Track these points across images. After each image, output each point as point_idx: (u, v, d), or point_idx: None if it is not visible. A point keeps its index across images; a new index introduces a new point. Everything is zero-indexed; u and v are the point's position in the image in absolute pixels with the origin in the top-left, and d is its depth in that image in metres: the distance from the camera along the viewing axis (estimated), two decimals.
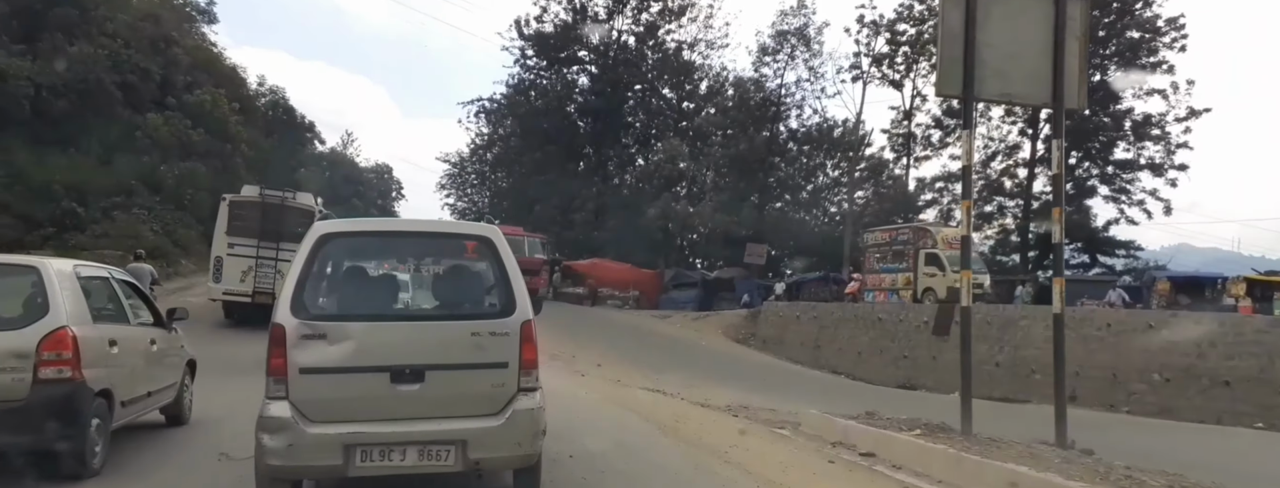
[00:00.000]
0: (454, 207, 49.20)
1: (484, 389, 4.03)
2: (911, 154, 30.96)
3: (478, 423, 3.96)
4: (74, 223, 18.08)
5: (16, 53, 19.68)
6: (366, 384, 3.88)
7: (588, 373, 12.03)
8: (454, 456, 3.90)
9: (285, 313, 3.84)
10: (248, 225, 13.16)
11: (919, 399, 14.54)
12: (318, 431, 3.78)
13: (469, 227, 5.36)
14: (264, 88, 39.27)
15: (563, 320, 20.57)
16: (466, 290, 4.50)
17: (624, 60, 37.55)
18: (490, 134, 41.87)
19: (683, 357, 17.29)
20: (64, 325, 4.51)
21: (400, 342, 3.99)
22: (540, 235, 25.98)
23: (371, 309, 4.19)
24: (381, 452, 3.85)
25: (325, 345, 3.84)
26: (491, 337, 4.06)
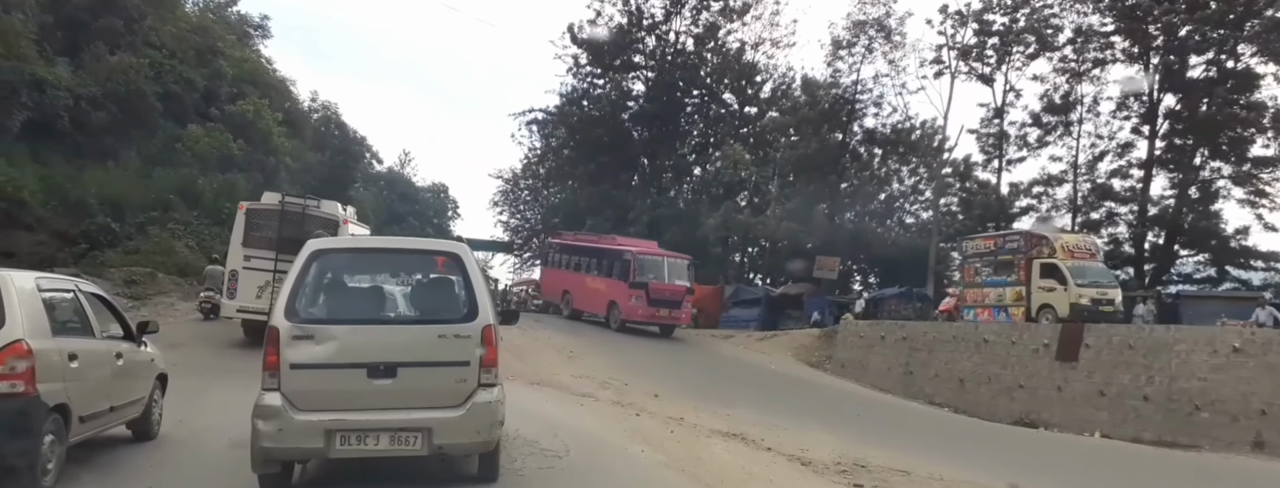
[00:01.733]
0: (506, 224, 50.16)
1: (448, 384, 4.79)
2: (1003, 156, 28.67)
3: (442, 413, 4.73)
4: (109, 239, 18.03)
5: (59, 64, 19.97)
6: (346, 379, 4.67)
7: (644, 408, 10.66)
8: (421, 441, 4.70)
9: (279, 317, 4.74)
10: (266, 236, 12.51)
11: (1049, 443, 12.69)
12: (303, 418, 4.58)
13: (439, 244, 6.16)
14: (316, 103, 40.24)
15: (613, 341, 19.35)
16: (436, 298, 5.25)
17: (681, 64, 36.63)
18: (542, 148, 42.03)
19: (752, 384, 15.71)
20: (19, 339, 4.54)
21: (376, 342, 4.82)
22: (684, 257, 22.14)
23: (352, 314, 5.05)
24: (358, 437, 4.65)
25: (312, 345, 4.65)
26: (456, 338, 4.83)
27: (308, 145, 32.62)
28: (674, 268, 21.10)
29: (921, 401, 16.73)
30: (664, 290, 20.02)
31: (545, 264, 25.87)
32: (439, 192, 65.65)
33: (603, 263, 21.69)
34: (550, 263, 25.46)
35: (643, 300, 19.94)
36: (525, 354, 14.89)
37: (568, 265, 23.76)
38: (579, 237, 25.16)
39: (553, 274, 25.09)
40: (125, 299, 15.14)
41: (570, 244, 24.53)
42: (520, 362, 13.78)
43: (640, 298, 19.95)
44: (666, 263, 21.12)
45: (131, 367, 6.14)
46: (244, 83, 29.52)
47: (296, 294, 4.91)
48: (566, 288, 23.39)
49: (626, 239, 23.73)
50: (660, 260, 21.29)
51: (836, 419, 12.25)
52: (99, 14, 22.02)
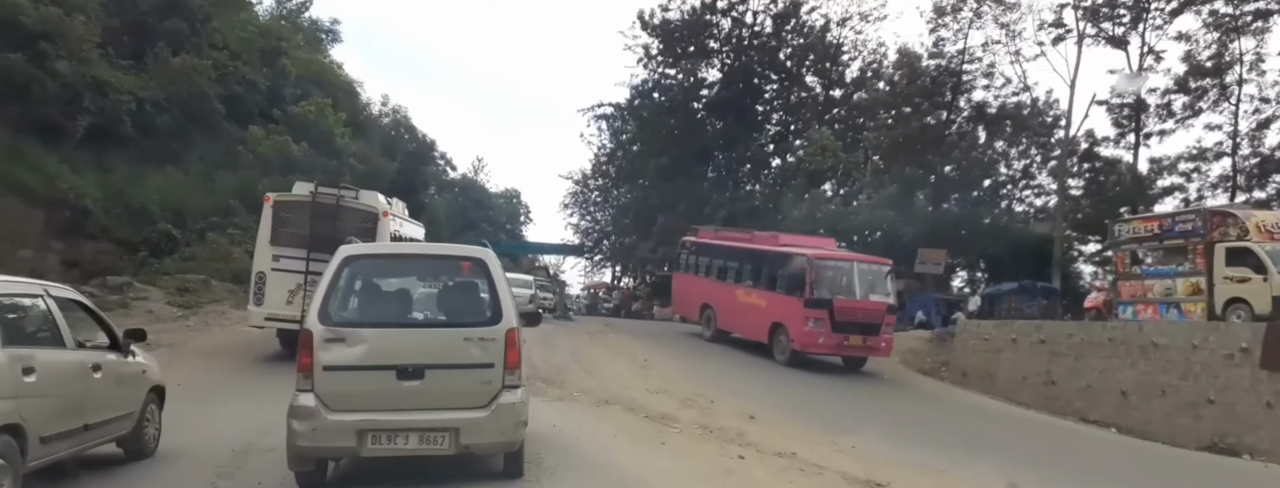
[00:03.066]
0: (577, 226, 50.51)
1: (474, 386, 5.14)
2: (1140, 129, 25.67)
3: (468, 414, 5.10)
4: (169, 246, 18.04)
5: (122, 67, 20.24)
6: (377, 380, 5.04)
7: (742, 438, 8.71)
8: (448, 441, 5.08)
9: (314, 320, 5.13)
10: (296, 232, 11.44)
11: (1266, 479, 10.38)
12: (336, 417, 4.96)
13: (465, 249, 6.21)
14: (387, 107, 40.67)
15: (689, 348, 17.89)
16: (461, 302, 5.59)
17: (758, 47, 35.08)
18: (612, 145, 41.71)
19: (865, 400, 13.52)
20: None
21: (404, 345, 5.18)
22: (881, 261, 16.74)
23: (382, 318, 5.40)
24: (388, 436, 5.02)
25: (344, 347, 5.04)
26: (481, 341, 5.17)
27: (376, 149, 32.70)
28: (868, 277, 15.53)
29: (1072, 417, 14.18)
30: (855, 310, 14.85)
31: (677, 268, 20.96)
32: (511, 197, 67.80)
33: (761, 270, 16.80)
34: (685, 267, 20.45)
35: (824, 324, 14.75)
36: (595, 365, 13.76)
37: (710, 271, 18.93)
38: (725, 234, 20.14)
39: (688, 282, 20.20)
40: (176, 308, 15.00)
41: (713, 244, 19.53)
42: (589, 375, 12.68)
43: (821, 320, 14.77)
44: (857, 270, 15.50)
45: (114, 379, 5.74)
46: (309, 83, 29.80)
47: (329, 298, 5.26)
48: (708, 301, 18.64)
49: (793, 237, 18.46)
50: (848, 267, 15.64)
51: (992, 450, 9.97)
52: (165, 16, 22.32)
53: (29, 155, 17.48)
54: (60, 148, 18.23)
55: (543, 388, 10.74)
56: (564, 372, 12.56)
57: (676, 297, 21.35)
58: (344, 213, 11.47)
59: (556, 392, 10.59)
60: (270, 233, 11.57)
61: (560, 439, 7.40)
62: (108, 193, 18.23)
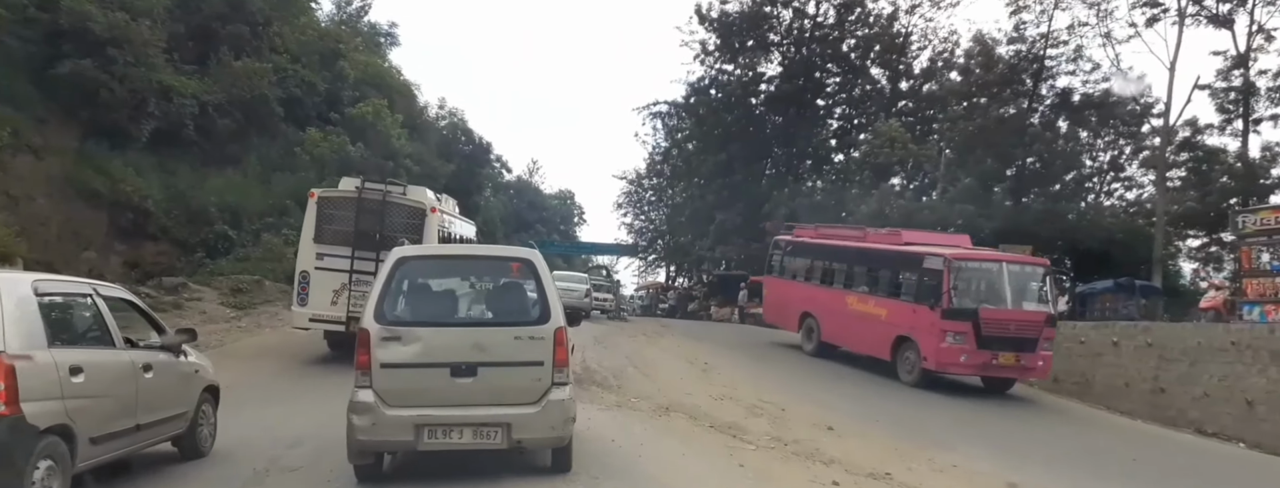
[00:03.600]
0: (630, 226, 50.66)
1: (525, 383, 5.42)
2: (1249, 115, 23.69)
3: (520, 410, 5.36)
4: (226, 247, 18.34)
5: (186, 71, 20.75)
6: (432, 377, 5.34)
7: (825, 454, 7.69)
8: (501, 436, 5.34)
9: (370, 319, 5.39)
10: (341, 230, 11.11)
11: None
12: (394, 413, 5.25)
13: (514, 251, 6.54)
14: (444, 110, 41.24)
15: (751, 351, 17.18)
16: (511, 302, 5.87)
17: (820, 38, 34.09)
18: (667, 145, 41.55)
19: (950, 407, 12.02)
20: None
21: (457, 343, 5.45)
22: (1036, 260, 14.41)
23: (436, 317, 5.71)
24: (444, 431, 5.30)
25: (400, 346, 5.32)
26: (531, 340, 5.44)
27: (433, 152, 33.06)
28: (1020, 280, 12.95)
29: (1186, 429, 12.79)
30: (1005, 321, 12.46)
31: (770, 271, 18.41)
32: (565, 198, 69.34)
33: (880, 273, 14.60)
34: (779, 270, 18.02)
35: (967, 339, 12.35)
36: (653, 368, 13.24)
37: (811, 275, 16.62)
38: (829, 231, 17.60)
39: (783, 287, 17.73)
40: (229, 308, 15.17)
41: (815, 243, 17.11)
42: (647, 378, 12.14)
43: (963, 334, 12.37)
44: (1006, 272, 12.84)
45: (166, 379, 5.76)
46: (366, 86, 30.29)
47: (384, 299, 5.47)
48: (810, 309, 16.25)
49: (918, 234, 15.84)
50: (995, 268, 12.99)
51: (1119, 469, 8.96)
52: (228, 20, 22.84)
53: (96, 159, 18.04)
54: (125, 151, 18.77)
55: (598, 393, 10.27)
56: (620, 376, 12.06)
57: (769, 304, 18.95)
58: (390, 209, 11.16)
59: (613, 398, 10.11)
60: (314, 230, 11.27)
61: (620, 458, 6.70)
62: (169, 195, 18.67)
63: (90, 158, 18.01)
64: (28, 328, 4.49)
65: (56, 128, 17.97)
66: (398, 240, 10.73)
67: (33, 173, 16.85)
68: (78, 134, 18.37)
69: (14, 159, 16.39)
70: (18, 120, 16.67)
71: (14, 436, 4.21)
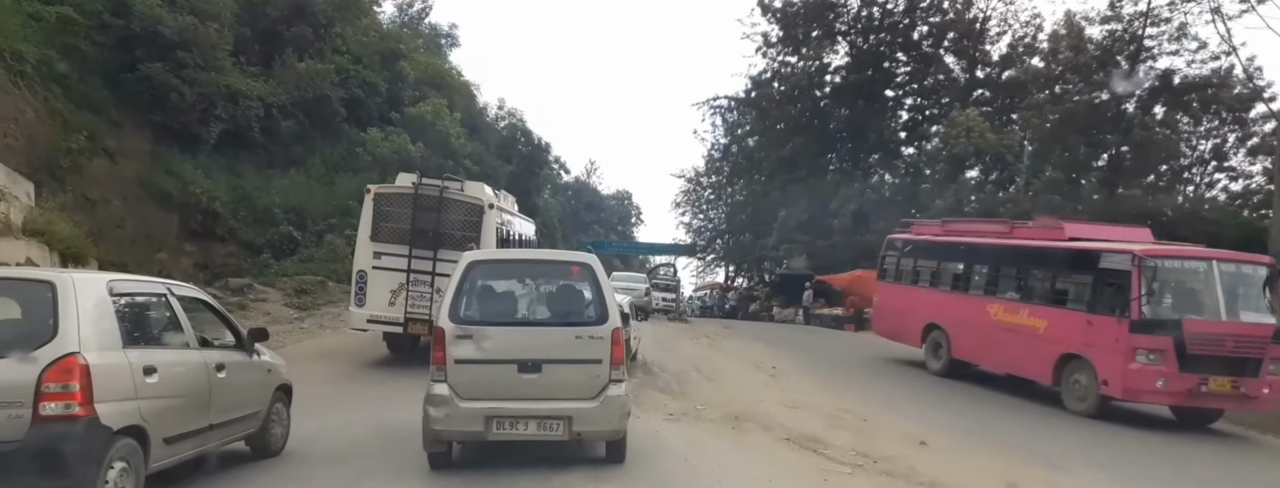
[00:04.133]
0: (689, 225, 50.75)
1: (584, 379, 5.88)
2: None
3: (580, 404, 5.83)
4: (291, 248, 18.62)
5: (252, 74, 21.21)
6: (500, 373, 5.80)
7: (911, 469, 7.01)
8: (563, 428, 5.80)
9: (445, 319, 5.90)
10: (398, 228, 10.96)
11: None
12: (467, 405, 5.74)
13: (574, 255, 7.17)
14: (502, 111, 41.58)
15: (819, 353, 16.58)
16: (571, 303, 6.34)
17: (890, 27, 32.97)
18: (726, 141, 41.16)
19: (1053, 414, 10.82)
20: (72, 352, 4.24)
21: (524, 342, 5.97)
22: (1259, 258, 11.13)
23: (504, 317, 6.26)
24: (511, 423, 5.77)
25: (472, 344, 5.82)
26: (590, 339, 5.92)
27: (492, 152, 33.28)
28: (1235, 284, 10.35)
29: None
30: (1219, 336, 9.95)
31: (883, 276, 15.92)
32: (623, 198, 70.68)
33: (1036, 276, 12.24)
34: (893, 274, 15.57)
35: (1165, 359, 9.91)
36: (718, 373, 12.81)
37: (938, 279, 14.29)
38: (960, 227, 14.99)
39: (901, 294, 15.17)
40: (293, 309, 15.34)
41: (944, 242, 14.48)
42: (712, 384, 11.70)
43: (1159, 353, 9.94)
44: (1218, 273, 10.16)
45: (239, 378, 5.81)
46: (426, 86, 30.64)
47: (458, 300, 5.95)
48: (937, 320, 13.87)
49: (1086, 226, 12.92)
50: (1204, 269, 10.31)
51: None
52: (292, 23, 23.30)
53: (167, 161, 18.55)
54: (195, 154, 19.26)
55: (662, 400, 9.91)
56: (685, 381, 11.70)
57: (881, 313, 16.24)
58: (447, 205, 10.99)
59: (677, 405, 9.68)
60: (371, 228, 11.12)
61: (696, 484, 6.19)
62: (236, 196, 19.08)
63: (162, 160, 18.54)
64: (103, 329, 4.52)
65: (130, 131, 18.52)
66: (455, 238, 10.80)
67: (108, 176, 17.38)
68: (150, 137, 18.92)
69: (90, 163, 16.89)
70: (94, 124, 17.20)
71: (88, 437, 4.22)
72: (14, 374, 4.11)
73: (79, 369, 4.21)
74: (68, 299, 4.39)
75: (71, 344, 4.25)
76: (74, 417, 4.18)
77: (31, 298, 4.50)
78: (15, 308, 4.58)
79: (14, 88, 15.56)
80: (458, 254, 10.27)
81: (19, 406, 4.08)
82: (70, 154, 16.05)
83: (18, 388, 4.09)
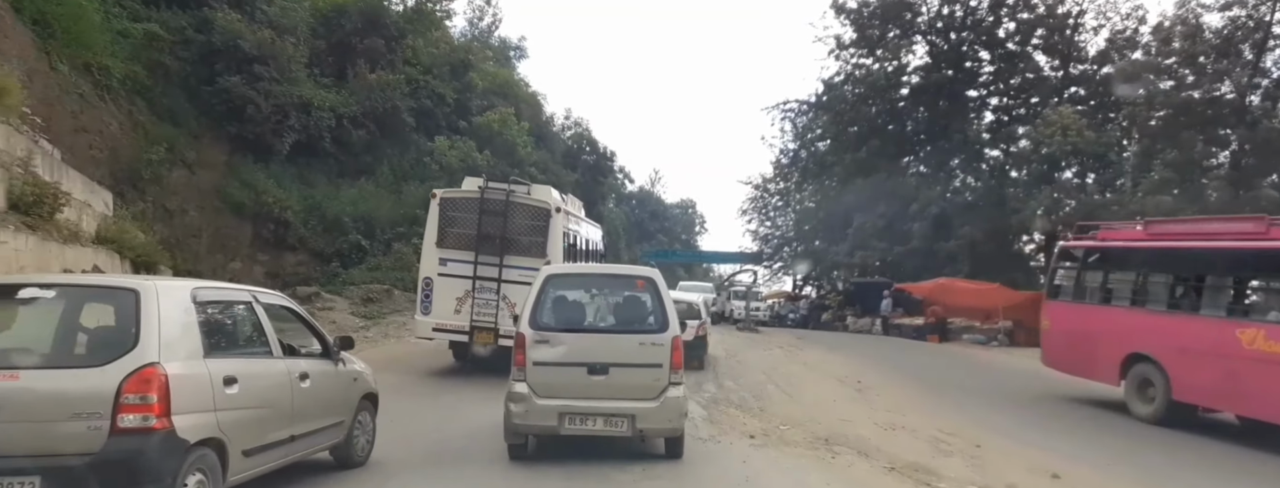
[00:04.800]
0: (756, 233, 49.98)
1: (647, 382, 6.52)
2: None
3: (642, 404, 6.47)
4: (360, 257, 18.89)
5: (325, 85, 21.75)
6: (572, 374, 6.49)
7: None
8: (627, 425, 6.46)
9: (526, 326, 6.62)
10: (464, 233, 10.83)
11: None
12: (543, 402, 6.42)
13: (639, 270, 8.00)
14: (568, 121, 41.89)
15: (904, 364, 15.71)
16: (636, 313, 7.02)
17: (974, 24, 31.63)
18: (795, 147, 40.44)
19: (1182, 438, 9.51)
20: (152, 363, 4.22)
21: (593, 347, 6.64)
22: None
23: (576, 324, 6.92)
24: (581, 419, 6.46)
25: (548, 348, 6.53)
26: (652, 346, 6.56)
27: (558, 161, 33.46)
28: None
29: None
30: None
31: (1059, 295, 12.99)
32: (687, 207, 70.82)
33: None
34: (1073, 291, 12.63)
35: None
36: (797, 387, 12.08)
37: (1145, 296, 11.26)
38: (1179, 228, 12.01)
39: (1089, 315, 12.09)
40: (359, 319, 15.48)
41: (1152, 248, 11.45)
42: (792, 399, 10.99)
43: None
44: None
45: (323, 387, 5.76)
46: (494, 96, 31.00)
47: (537, 309, 6.62)
48: (1146, 349, 10.75)
49: None
50: None
51: None
52: (365, 35, 23.87)
53: (242, 172, 19.15)
54: (268, 164, 19.83)
55: (738, 418, 9.17)
56: (762, 396, 11.05)
57: (1054, 340, 12.90)
58: (514, 210, 10.86)
59: (756, 423, 8.89)
60: (437, 234, 11.03)
61: None
62: (306, 206, 19.53)
63: (237, 171, 19.16)
64: (185, 338, 4.49)
65: (208, 143, 19.24)
66: (521, 243, 10.79)
67: (186, 186, 18.08)
68: (226, 148, 19.62)
69: (170, 174, 17.60)
70: (174, 136, 17.92)
71: (164, 450, 4.19)
72: (94, 384, 4.11)
73: (158, 380, 4.19)
74: (150, 307, 4.36)
75: (152, 354, 4.22)
76: (151, 429, 4.15)
77: (115, 305, 4.51)
78: (99, 315, 4.62)
79: (100, 101, 16.35)
80: (524, 260, 10.50)
81: (98, 416, 4.07)
82: (151, 165, 16.83)
83: (97, 398, 4.08)
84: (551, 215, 10.91)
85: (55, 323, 4.59)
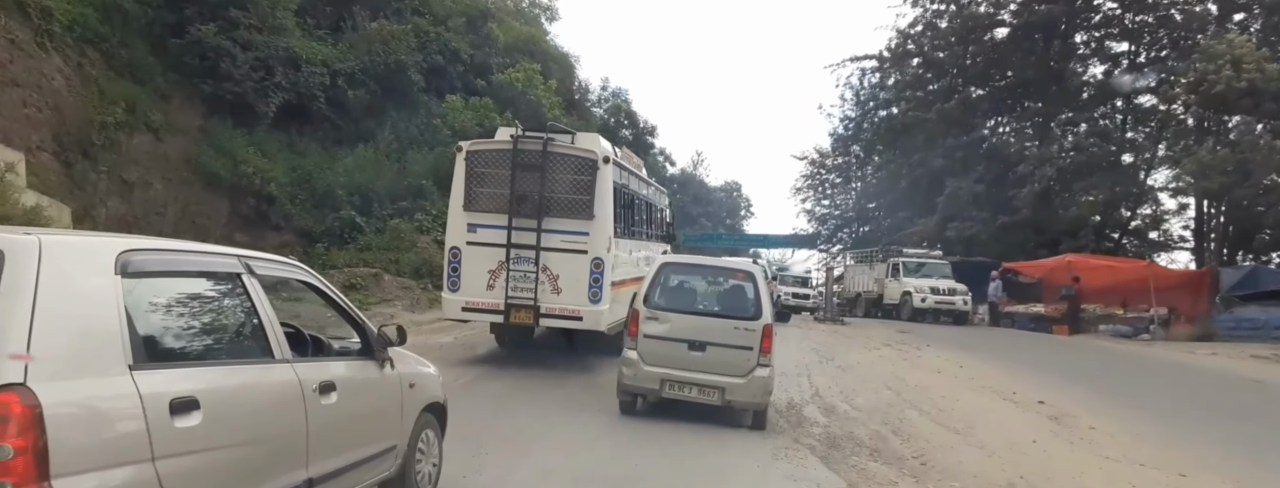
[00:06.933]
0: (811, 213, 49.48)
1: (738, 361, 7.82)
2: None
3: (732, 379, 7.79)
4: (353, 236, 16.78)
5: (319, 37, 19.49)
6: (675, 348, 7.90)
7: None
8: (717, 396, 7.83)
9: (640, 304, 8.13)
10: (496, 193, 9.74)
11: None
12: (649, 369, 7.93)
13: (742, 263, 10.33)
14: (606, 92, 39.65)
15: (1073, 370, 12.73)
16: (735, 301, 8.37)
17: None
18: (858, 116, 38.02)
19: None
20: (9, 385, 2.63)
21: (695, 326, 7.98)
22: None
23: (681, 306, 8.24)
24: (679, 386, 7.88)
25: (657, 324, 7.98)
26: (746, 331, 7.87)
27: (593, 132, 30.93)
28: None
29: None
30: None
31: None
32: (732, 190, 69.91)
33: None
34: None
35: None
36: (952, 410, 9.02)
37: None
38: None
39: None
40: None
41: None
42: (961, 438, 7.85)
43: None
44: None
45: (360, 401, 4.36)
46: (517, 52, 28.53)
47: (651, 290, 8.23)
48: None
49: None
50: None
51: None
52: None
53: (218, 138, 17.09)
54: (251, 129, 17.78)
55: (879, 475, 6.38)
56: (905, 430, 8.09)
57: None
58: (553, 162, 9.74)
59: None
60: (464, 195, 9.95)
61: None
62: (295, 178, 17.57)
63: (213, 137, 17.07)
64: (90, 337, 2.95)
65: (179, 104, 17.20)
66: (562, 203, 9.81)
67: (150, 155, 16.09)
68: (202, 111, 17.56)
69: (130, 139, 15.59)
70: (136, 95, 15.89)
71: None
72: None
73: (17, 417, 2.65)
74: (19, 282, 2.79)
75: (10, 369, 2.65)
76: None
77: None
78: None
79: (39, 50, 14.40)
80: (567, 222, 9.76)
81: None
82: (105, 129, 14.97)
83: None
84: (598, 167, 9.81)
85: None
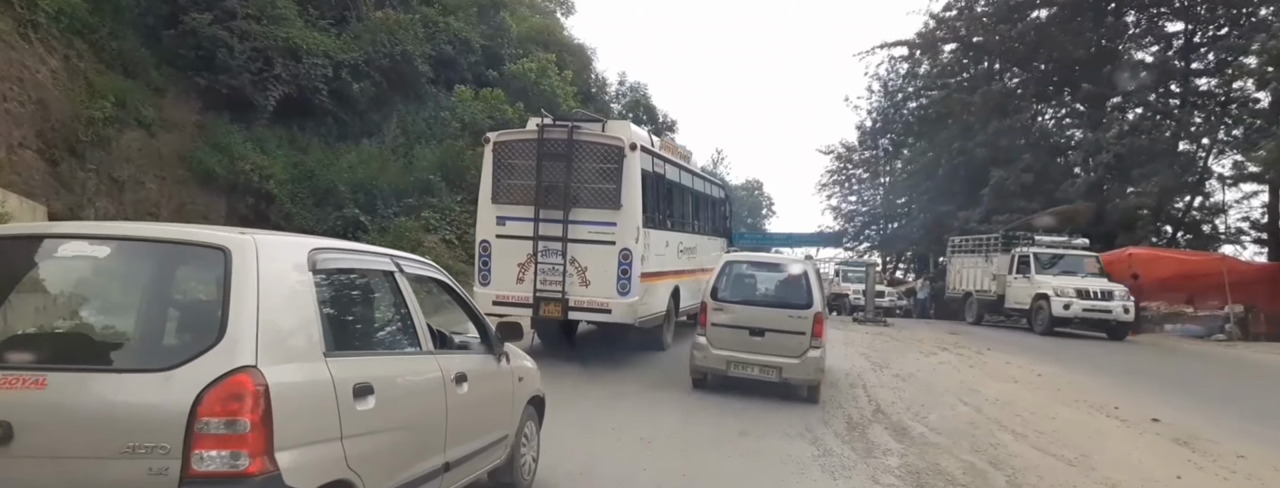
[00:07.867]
0: (837, 209, 48.97)
1: (793, 344, 9.07)
2: None
3: (788, 360, 9.04)
4: (355, 236, 16.27)
5: (322, 28, 18.91)
6: (738, 335, 9.19)
7: None
8: (776, 374, 9.12)
9: (708, 296, 9.42)
10: (523, 185, 10.05)
11: None
12: (717, 352, 9.27)
13: (796, 262, 10.73)
14: (624, 85, 39.10)
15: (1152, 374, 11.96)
16: (790, 292, 9.59)
17: None
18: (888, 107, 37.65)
19: None
20: (245, 366, 2.90)
21: (756, 315, 9.25)
22: None
23: (744, 298, 9.47)
24: (742, 366, 9.21)
25: (723, 313, 9.27)
26: (799, 318, 9.13)
27: None
28: None
29: None
30: None
31: None
32: (753, 189, 71.29)
33: None
34: None
35: None
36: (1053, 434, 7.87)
37: None
38: None
39: None
40: None
41: None
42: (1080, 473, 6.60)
43: None
44: None
45: (485, 393, 4.72)
46: (531, 43, 27.86)
47: (717, 283, 9.46)
48: None
49: None
50: None
51: None
52: None
53: (215, 134, 16.56)
54: (249, 124, 17.26)
55: None
56: (1001, 456, 7.02)
57: None
58: (579, 151, 9.99)
59: None
60: (492, 188, 10.27)
61: None
62: (295, 174, 17.08)
63: (209, 133, 16.55)
64: (298, 326, 3.17)
65: (174, 98, 16.75)
66: (587, 193, 9.98)
67: (142, 152, 15.61)
68: (197, 105, 17.06)
69: (120, 135, 15.11)
70: (127, 89, 15.45)
71: None
72: (155, 400, 2.79)
73: (254, 394, 2.84)
74: (246, 276, 3.01)
75: (245, 352, 2.88)
76: (243, 474, 2.83)
77: (193, 273, 3.31)
78: (167, 287, 3.33)
79: (22, 41, 13.96)
80: (593, 213, 9.99)
81: (162, 453, 2.76)
82: (94, 124, 14.54)
83: (160, 423, 2.77)
84: (624, 155, 9.95)
85: (101, 297, 3.46)
